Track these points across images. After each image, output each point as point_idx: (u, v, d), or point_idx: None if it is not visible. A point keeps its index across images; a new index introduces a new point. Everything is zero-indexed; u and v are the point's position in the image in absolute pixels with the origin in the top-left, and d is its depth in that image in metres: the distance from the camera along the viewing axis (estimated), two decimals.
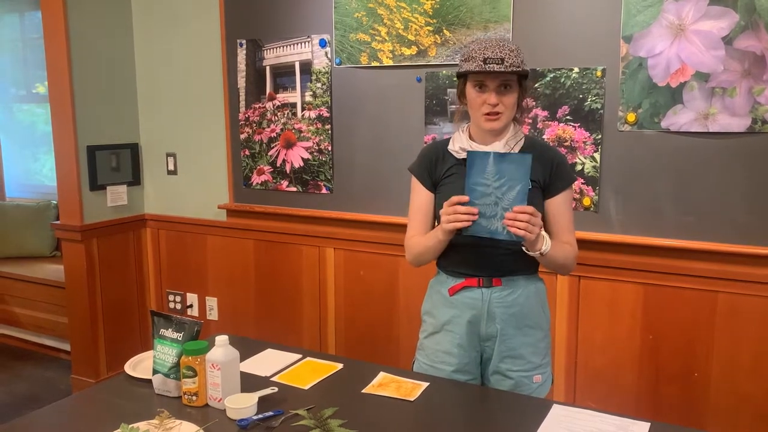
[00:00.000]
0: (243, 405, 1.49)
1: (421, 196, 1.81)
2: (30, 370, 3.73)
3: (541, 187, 1.72)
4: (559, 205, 1.74)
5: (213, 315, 3.42)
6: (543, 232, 1.63)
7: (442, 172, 1.77)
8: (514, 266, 1.72)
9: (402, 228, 2.07)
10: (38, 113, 4.53)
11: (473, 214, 1.57)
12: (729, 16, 2.15)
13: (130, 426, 1.41)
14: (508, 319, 1.72)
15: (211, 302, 3.42)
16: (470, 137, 1.74)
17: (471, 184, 1.58)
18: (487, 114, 1.66)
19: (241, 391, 1.57)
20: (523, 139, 1.73)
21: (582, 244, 2.45)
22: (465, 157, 1.69)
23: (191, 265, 3.46)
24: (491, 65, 1.60)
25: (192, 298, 3.48)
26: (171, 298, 3.54)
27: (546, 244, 1.62)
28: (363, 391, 1.65)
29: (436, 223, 1.79)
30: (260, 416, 1.48)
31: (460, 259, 1.74)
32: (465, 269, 1.74)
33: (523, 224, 1.54)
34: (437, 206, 1.76)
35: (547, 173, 1.72)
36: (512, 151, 1.69)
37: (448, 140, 1.79)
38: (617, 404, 2.46)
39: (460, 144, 1.73)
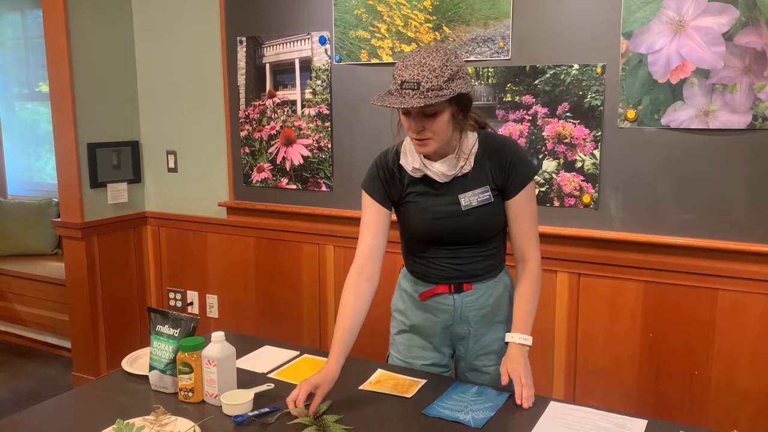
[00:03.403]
0: (239, 401, 1.49)
1: (373, 211, 1.70)
2: (32, 368, 3.74)
3: (499, 189, 1.64)
4: (519, 206, 1.64)
5: (213, 312, 3.42)
6: (515, 339, 1.61)
7: (402, 191, 1.68)
8: (483, 270, 1.72)
9: None
10: (41, 112, 4.54)
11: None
12: (729, 12, 2.14)
13: (126, 422, 1.41)
14: (480, 320, 1.74)
15: (212, 300, 3.42)
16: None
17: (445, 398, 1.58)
18: (416, 139, 1.54)
19: (238, 388, 1.57)
20: (476, 145, 1.61)
21: (582, 241, 2.46)
22: (420, 176, 1.64)
23: (192, 263, 3.46)
24: (407, 91, 1.43)
25: (192, 295, 3.48)
26: (171, 295, 3.55)
27: (526, 341, 1.62)
28: (360, 387, 1.65)
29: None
30: (256, 412, 1.48)
31: (430, 269, 1.72)
32: (435, 278, 1.72)
33: (531, 395, 1.54)
34: (402, 222, 1.73)
35: (504, 175, 1.62)
36: (463, 170, 1.59)
37: (396, 153, 1.68)
38: (617, 402, 2.45)
39: (414, 164, 1.63)
